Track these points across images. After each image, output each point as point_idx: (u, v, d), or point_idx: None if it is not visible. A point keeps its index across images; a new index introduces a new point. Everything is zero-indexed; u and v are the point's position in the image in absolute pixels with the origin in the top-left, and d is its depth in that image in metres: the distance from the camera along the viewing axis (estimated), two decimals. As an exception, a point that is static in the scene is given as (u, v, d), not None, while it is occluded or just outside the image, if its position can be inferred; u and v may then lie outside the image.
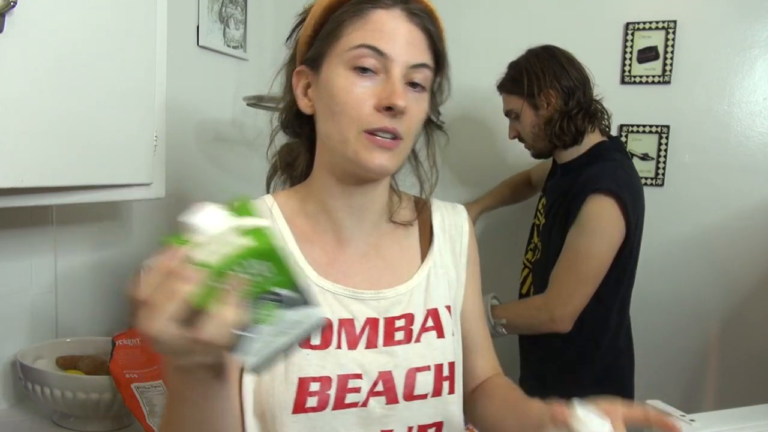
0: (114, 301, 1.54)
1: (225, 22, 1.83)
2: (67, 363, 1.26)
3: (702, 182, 1.89)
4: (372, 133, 0.71)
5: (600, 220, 1.41)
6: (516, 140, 1.65)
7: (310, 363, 0.72)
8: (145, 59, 1.13)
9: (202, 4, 1.73)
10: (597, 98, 1.55)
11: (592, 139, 1.53)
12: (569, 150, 1.54)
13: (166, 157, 1.23)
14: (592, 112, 1.51)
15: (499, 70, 1.64)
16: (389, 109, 0.70)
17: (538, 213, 1.65)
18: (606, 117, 1.56)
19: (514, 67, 1.59)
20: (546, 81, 1.50)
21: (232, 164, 1.96)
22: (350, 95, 0.71)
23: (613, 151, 1.53)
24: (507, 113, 1.62)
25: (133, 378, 1.14)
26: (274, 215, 0.79)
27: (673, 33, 1.87)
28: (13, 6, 0.86)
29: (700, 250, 1.90)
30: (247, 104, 1.62)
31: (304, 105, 0.78)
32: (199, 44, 1.74)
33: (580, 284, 1.42)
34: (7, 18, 0.86)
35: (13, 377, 1.27)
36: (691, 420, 1.18)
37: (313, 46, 0.76)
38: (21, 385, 1.20)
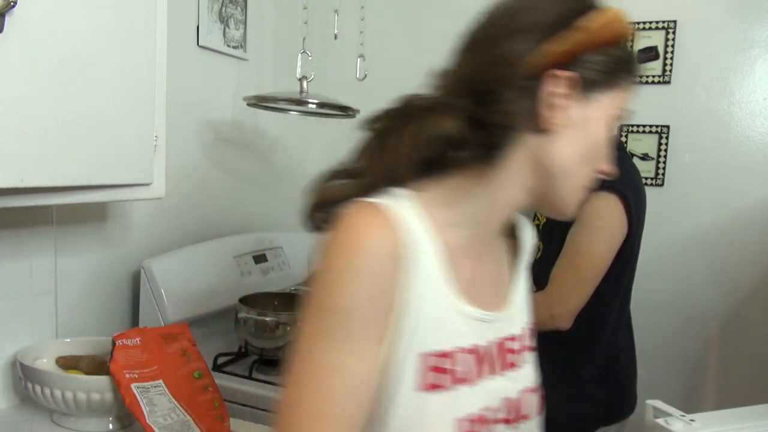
0: (114, 301, 1.54)
1: (225, 22, 1.83)
2: (67, 363, 1.26)
3: (702, 182, 1.89)
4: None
5: (603, 218, 1.41)
6: None
7: (466, 401, 0.67)
8: (145, 59, 1.13)
9: (202, 4, 1.73)
10: None
11: None
12: None
13: (166, 157, 1.22)
14: None
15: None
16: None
17: (538, 213, 1.65)
18: None
19: None
20: None
21: (232, 164, 1.96)
22: (604, 151, 0.72)
23: (614, 149, 1.53)
24: None
25: (133, 378, 1.14)
26: (411, 224, 0.63)
27: (673, 33, 1.86)
28: (13, 6, 0.86)
29: (700, 250, 1.90)
30: (247, 104, 1.62)
31: (552, 115, 0.65)
32: (199, 44, 1.74)
33: (580, 282, 1.42)
34: (7, 18, 0.86)
35: (13, 377, 1.27)
36: (691, 420, 1.18)
37: (592, 65, 0.66)
38: (21, 385, 1.20)
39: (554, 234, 1.52)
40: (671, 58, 1.87)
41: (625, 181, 1.42)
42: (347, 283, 0.60)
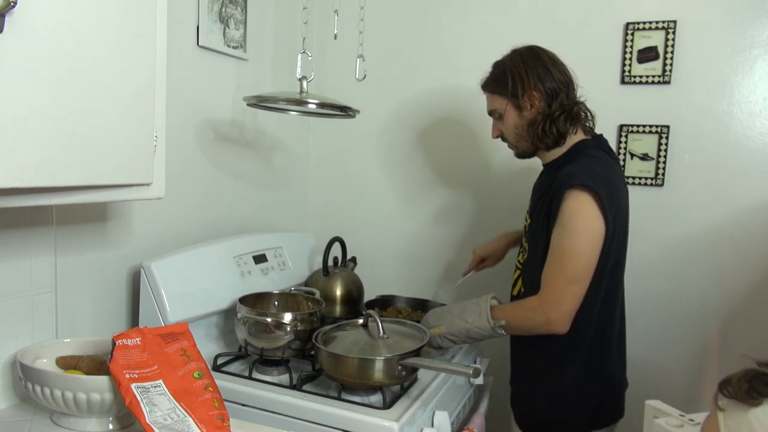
0: (114, 301, 1.54)
1: (225, 22, 1.83)
2: (67, 363, 1.26)
3: (702, 182, 1.89)
4: None
5: (579, 217, 1.40)
6: (500, 140, 1.65)
7: None
8: (145, 59, 1.13)
9: (202, 4, 1.73)
10: (581, 99, 1.54)
11: (573, 138, 1.54)
12: (552, 150, 1.55)
13: (166, 157, 1.23)
14: (574, 114, 1.51)
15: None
16: None
17: (527, 214, 1.65)
18: (589, 118, 1.56)
19: (498, 66, 1.58)
20: (530, 82, 1.50)
21: (232, 164, 1.96)
22: None
23: (593, 148, 1.53)
24: (490, 113, 1.62)
25: (133, 378, 1.14)
26: None
27: (673, 33, 1.87)
28: (13, 6, 0.86)
29: (699, 250, 1.90)
30: (247, 104, 1.62)
31: None
32: (199, 44, 1.74)
33: (571, 284, 1.41)
34: (7, 18, 0.86)
35: (13, 377, 1.27)
36: (691, 420, 1.19)
37: None
38: (21, 385, 1.20)
39: (537, 234, 1.52)
40: (671, 58, 1.88)
41: (597, 178, 1.41)
42: None
